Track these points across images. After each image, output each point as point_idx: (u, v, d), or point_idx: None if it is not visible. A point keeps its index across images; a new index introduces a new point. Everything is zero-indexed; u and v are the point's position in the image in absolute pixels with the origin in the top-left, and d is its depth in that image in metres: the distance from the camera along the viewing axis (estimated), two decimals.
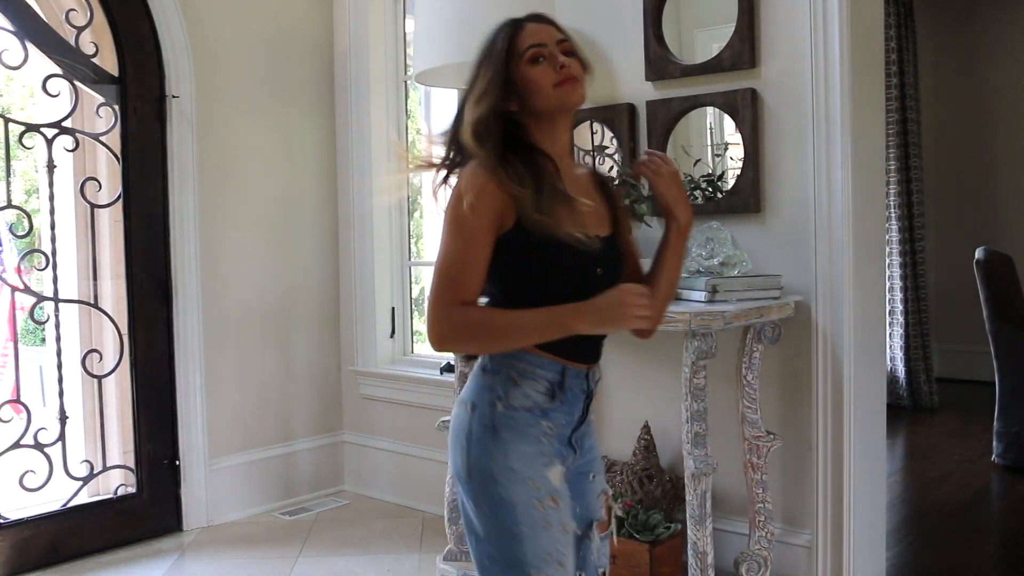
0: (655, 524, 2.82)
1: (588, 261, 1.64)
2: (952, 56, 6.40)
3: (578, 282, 1.62)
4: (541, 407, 1.66)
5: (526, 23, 1.70)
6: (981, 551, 3.39)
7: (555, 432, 1.67)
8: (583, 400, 1.70)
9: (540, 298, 1.60)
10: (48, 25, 3.39)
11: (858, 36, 2.73)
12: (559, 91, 1.65)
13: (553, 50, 1.67)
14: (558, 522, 1.64)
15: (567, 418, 1.68)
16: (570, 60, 1.68)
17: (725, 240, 2.69)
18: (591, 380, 1.72)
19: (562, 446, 1.68)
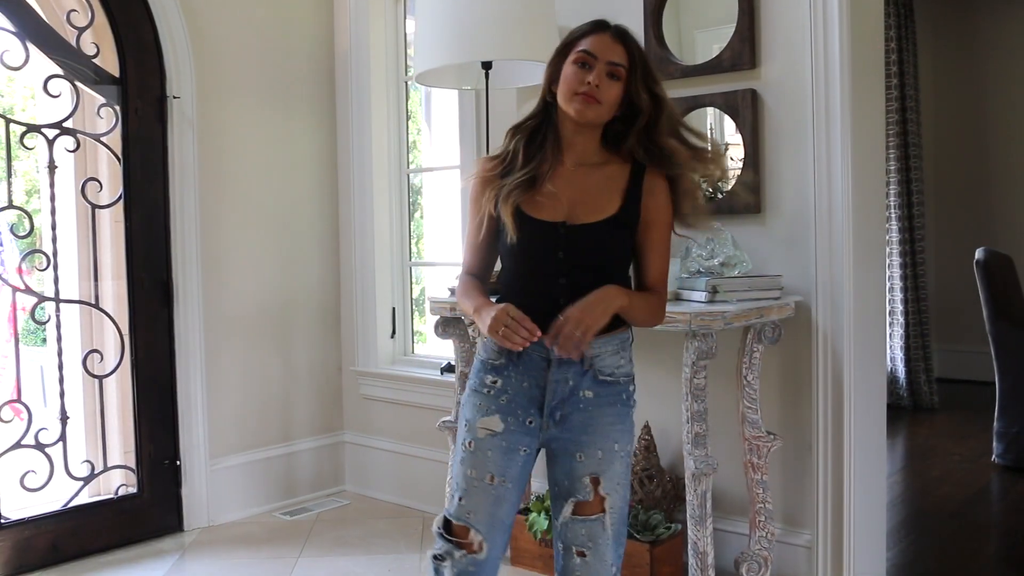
0: (655, 524, 2.83)
1: (549, 245, 1.82)
2: (952, 56, 6.41)
3: (538, 263, 1.83)
4: (491, 363, 1.89)
5: (599, 32, 1.84)
6: (981, 551, 3.39)
7: (503, 388, 1.87)
8: (543, 369, 1.85)
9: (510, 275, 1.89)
10: (49, 26, 3.39)
11: (858, 37, 2.73)
12: (575, 100, 1.81)
13: (598, 66, 1.80)
14: (468, 462, 1.88)
15: (527, 381, 1.86)
16: (609, 83, 1.81)
17: (725, 240, 2.69)
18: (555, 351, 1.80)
19: (519, 406, 1.87)
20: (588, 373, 1.86)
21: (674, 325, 2.45)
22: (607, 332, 1.85)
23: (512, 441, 1.88)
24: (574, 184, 1.86)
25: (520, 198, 1.83)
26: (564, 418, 1.87)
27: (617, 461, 1.89)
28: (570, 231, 1.82)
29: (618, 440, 1.89)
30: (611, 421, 1.88)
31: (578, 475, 1.87)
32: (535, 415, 1.87)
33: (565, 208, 1.84)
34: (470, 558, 1.88)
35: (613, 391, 1.89)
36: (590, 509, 1.88)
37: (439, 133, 4.86)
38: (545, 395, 1.86)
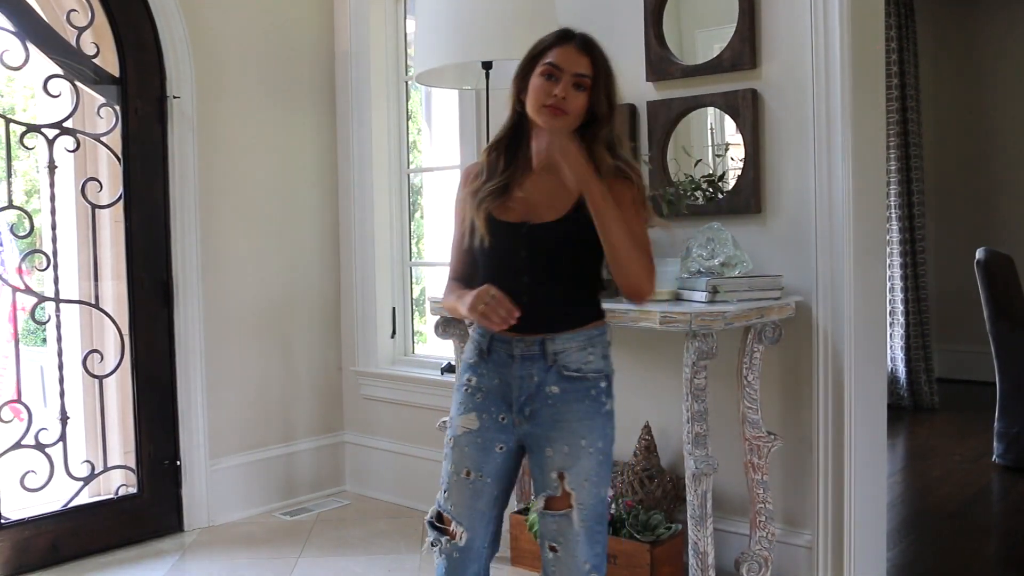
0: (656, 524, 2.82)
1: (511, 244, 1.90)
2: (953, 56, 6.41)
3: (503, 262, 1.92)
4: (469, 363, 2.00)
5: (565, 43, 1.90)
6: (982, 551, 3.39)
7: (478, 386, 1.96)
8: (510, 366, 1.92)
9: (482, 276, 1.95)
10: (49, 26, 3.39)
11: (859, 36, 2.73)
12: (543, 111, 1.87)
13: (564, 77, 1.86)
14: (451, 460, 1.98)
15: (498, 378, 1.94)
16: (575, 94, 1.86)
17: (726, 240, 2.69)
18: (519, 347, 1.91)
19: (493, 403, 1.95)
20: (552, 368, 1.91)
21: (674, 325, 2.45)
22: (573, 328, 1.92)
23: (488, 438, 1.96)
24: (540, 187, 1.93)
25: (492, 204, 1.91)
26: (533, 413, 1.92)
27: (585, 457, 1.91)
28: (531, 230, 1.90)
29: (585, 436, 1.91)
30: (579, 417, 1.91)
31: (547, 470, 1.93)
32: (507, 412, 1.95)
33: (529, 210, 1.91)
34: (453, 545, 1.99)
35: (580, 387, 1.92)
36: (558, 504, 1.92)
37: (439, 133, 4.86)
38: (513, 391, 1.93)
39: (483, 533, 1.99)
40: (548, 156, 1.90)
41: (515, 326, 1.86)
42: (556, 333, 1.90)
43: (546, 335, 1.91)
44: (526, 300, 1.86)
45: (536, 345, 1.91)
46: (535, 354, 1.91)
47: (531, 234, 1.89)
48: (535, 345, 1.91)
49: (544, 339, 1.91)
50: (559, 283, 1.92)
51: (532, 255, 1.90)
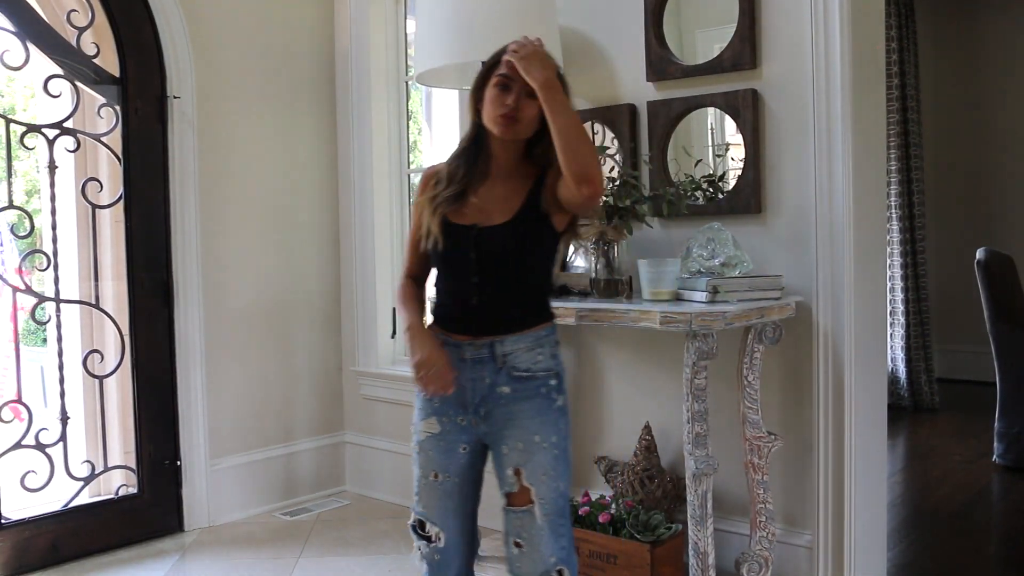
0: (656, 524, 2.82)
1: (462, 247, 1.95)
2: (953, 56, 6.41)
3: (454, 264, 1.98)
4: None
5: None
6: (982, 551, 3.39)
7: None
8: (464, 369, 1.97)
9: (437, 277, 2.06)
10: (49, 26, 3.39)
11: (859, 36, 2.73)
12: (497, 120, 1.94)
13: (516, 87, 1.92)
14: (418, 464, 2.06)
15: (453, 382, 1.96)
16: (528, 103, 1.92)
17: (726, 241, 2.69)
18: (470, 350, 1.97)
19: (451, 407, 2.01)
20: (503, 370, 1.97)
21: (675, 325, 2.44)
22: (521, 330, 1.98)
23: (450, 440, 2.03)
24: (494, 192, 2.00)
25: (447, 209, 1.98)
26: (488, 414, 2.00)
27: (539, 452, 1.97)
28: (480, 232, 1.96)
29: (538, 432, 1.97)
30: (530, 415, 1.98)
31: (504, 466, 2.00)
32: (463, 413, 2.02)
33: (480, 213, 1.98)
34: (432, 547, 2.08)
35: (531, 386, 1.98)
36: (519, 500, 2.00)
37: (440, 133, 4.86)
38: (467, 393, 2.00)
39: (458, 531, 2.08)
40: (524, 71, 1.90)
41: (465, 328, 1.97)
42: (505, 335, 1.97)
43: (495, 337, 1.97)
44: (475, 302, 1.96)
45: (486, 348, 1.97)
46: (485, 357, 1.97)
47: (480, 236, 1.96)
48: (485, 348, 1.97)
49: (493, 342, 1.97)
50: (508, 285, 1.98)
51: (481, 257, 1.95)
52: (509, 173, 2.01)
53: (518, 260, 1.98)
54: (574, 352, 3.31)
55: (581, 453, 3.31)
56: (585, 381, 3.29)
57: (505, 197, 1.98)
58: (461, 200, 1.99)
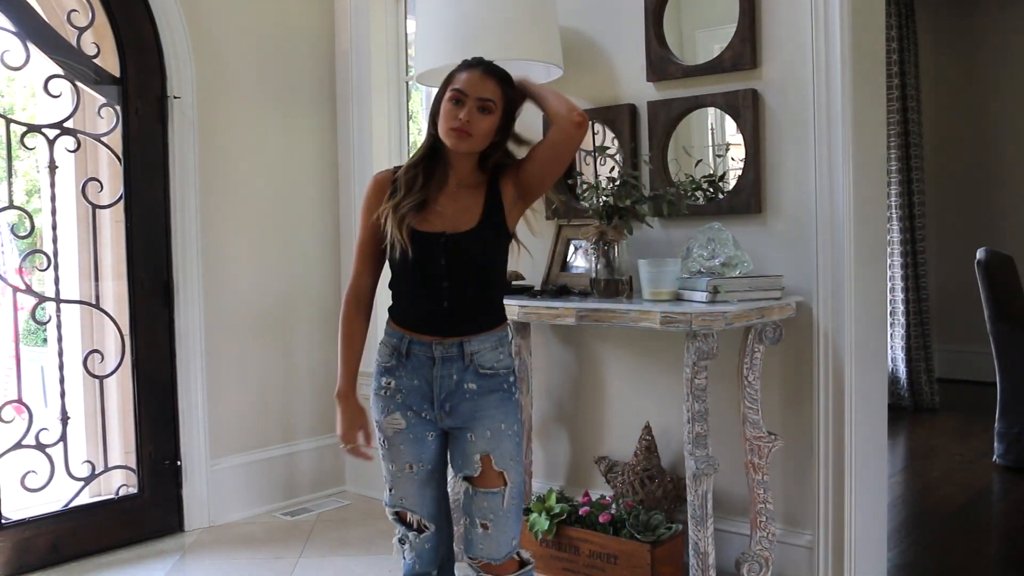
0: (656, 524, 2.82)
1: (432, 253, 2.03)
2: (953, 56, 6.41)
3: (423, 270, 2.05)
4: (384, 366, 2.15)
5: (468, 70, 2.06)
6: (982, 551, 3.39)
7: (397, 388, 2.11)
8: (430, 367, 2.07)
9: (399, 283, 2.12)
10: (49, 26, 3.39)
11: (859, 36, 2.73)
12: (450, 134, 2.02)
13: (469, 102, 2.01)
14: (388, 457, 2.15)
15: (417, 379, 2.09)
16: (480, 117, 2.01)
17: (726, 241, 2.69)
18: (439, 349, 2.06)
19: (414, 403, 2.10)
20: (470, 368, 2.06)
21: (675, 325, 2.45)
22: (486, 330, 2.09)
23: (417, 432, 2.12)
24: (456, 201, 2.08)
25: (413, 218, 2.04)
26: (453, 408, 2.08)
27: (505, 440, 2.09)
28: (449, 239, 2.04)
29: (503, 421, 2.09)
30: (496, 405, 2.09)
31: (469, 453, 2.09)
32: (428, 408, 2.10)
33: (447, 221, 2.06)
34: (423, 536, 2.17)
35: (494, 382, 2.09)
36: (490, 482, 2.08)
37: None
38: (433, 390, 2.08)
39: (439, 516, 2.19)
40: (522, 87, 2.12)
41: (435, 329, 2.06)
42: (473, 335, 2.07)
43: (464, 337, 2.06)
44: (446, 305, 2.05)
45: (455, 347, 2.06)
46: (454, 355, 2.06)
47: (449, 243, 2.04)
48: (454, 347, 2.06)
49: (462, 341, 2.06)
50: (475, 288, 2.08)
51: (451, 262, 2.04)
52: (465, 182, 2.10)
53: (484, 264, 2.09)
54: (574, 352, 3.31)
55: (581, 453, 3.31)
56: (585, 381, 3.29)
57: (466, 205, 2.08)
58: (424, 209, 2.06)
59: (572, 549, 2.91)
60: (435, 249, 2.04)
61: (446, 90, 2.06)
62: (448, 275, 2.04)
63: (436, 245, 2.04)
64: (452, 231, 2.05)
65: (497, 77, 2.07)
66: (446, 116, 2.03)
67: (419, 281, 2.07)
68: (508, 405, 2.11)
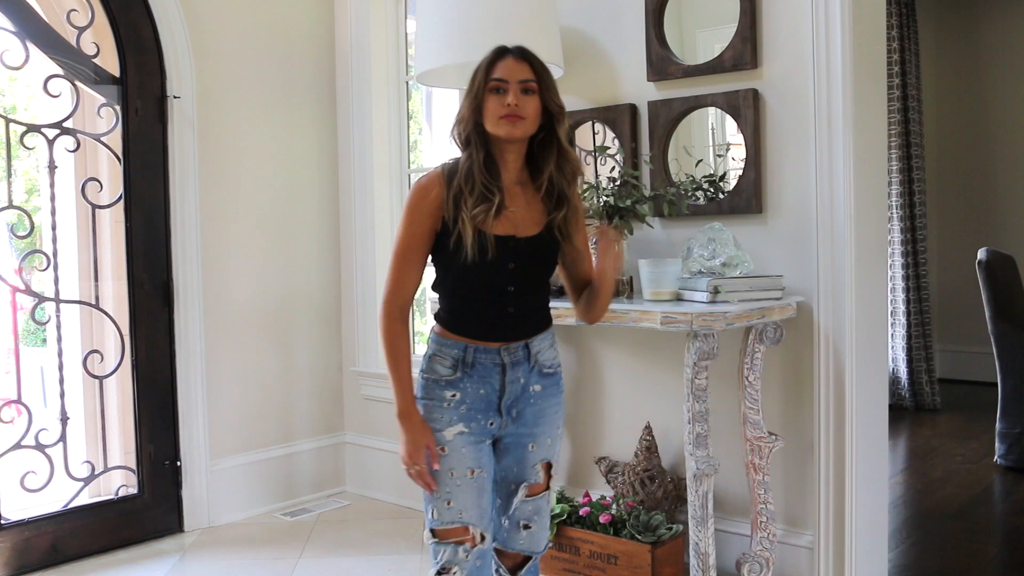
0: (657, 525, 2.82)
1: (500, 257, 1.96)
2: (954, 56, 6.40)
3: (492, 274, 1.97)
4: (447, 380, 2.04)
5: (503, 58, 2.00)
6: (983, 552, 3.38)
7: (462, 399, 2.02)
8: (499, 373, 2.02)
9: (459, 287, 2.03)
10: (49, 26, 3.39)
11: (860, 36, 2.72)
12: (502, 123, 1.96)
13: (513, 87, 1.97)
14: (447, 467, 2.02)
15: (484, 387, 2.02)
16: (526, 99, 1.97)
17: (727, 241, 2.69)
18: (506, 355, 2.02)
19: (479, 412, 2.03)
20: (535, 369, 2.07)
21: (675, 325, 2.44)
22: (544, 329, 2.10)
23: (477, 437, 2.05)
24: (515, 200, 2.02)
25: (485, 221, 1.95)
26: (519, 414, 2.07)
27: (558, 442, 2.16)
28: (518, 243, 2.00)
29: (559, 424, 2.15)
30: (555, 410, 2.12)
31: (530, 463, 2.10)
32: (494, 416, 2.05)
33: (514, 224, 2.00)
34: (475, 551, 2.03)
35: (553, 381, 2.11)
36: (538, 488, 2.13)
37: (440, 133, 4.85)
38: (502, 397, 2.04)
39: (491, 526, 2.10)
40: (604, 263, 2.07)
41: (500, 336, 2.01)
42: (535, 336, 2.07)
43: (528, 339, 2.05)
44: (512, 310, 2.01)
45: (521, 350, 2.04)
46: (520, 359, 2.04)
47: (519, 247, 1.99)
48: (520, 350, 2.04)
49: (528, 343, 2.05)
50: (538, 291, 2.08)
51: (520, 266, 2.00)
52: (519, 179, 2.05)
53: (547, 267, 2.07)
54: (574, 352, 3.30)
55: (582, 453, 3.31)
56: (586, 381, 3.29)
57: (528, 208, 2.03)
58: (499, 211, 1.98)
59: (573, 549, 2.91)
60: (505, 253, 1.97)
61: (483, 85, 1.99)
62: (515, 280, 2.00)
63: (505, 249, 1.98)
64: (521, 235, 2.00)
65: (528, 59, 2.01)
66: (495, 107, 1.97)
67: (485, 286, 2.01)
68: (561, 406, 2.15)
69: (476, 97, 2.00)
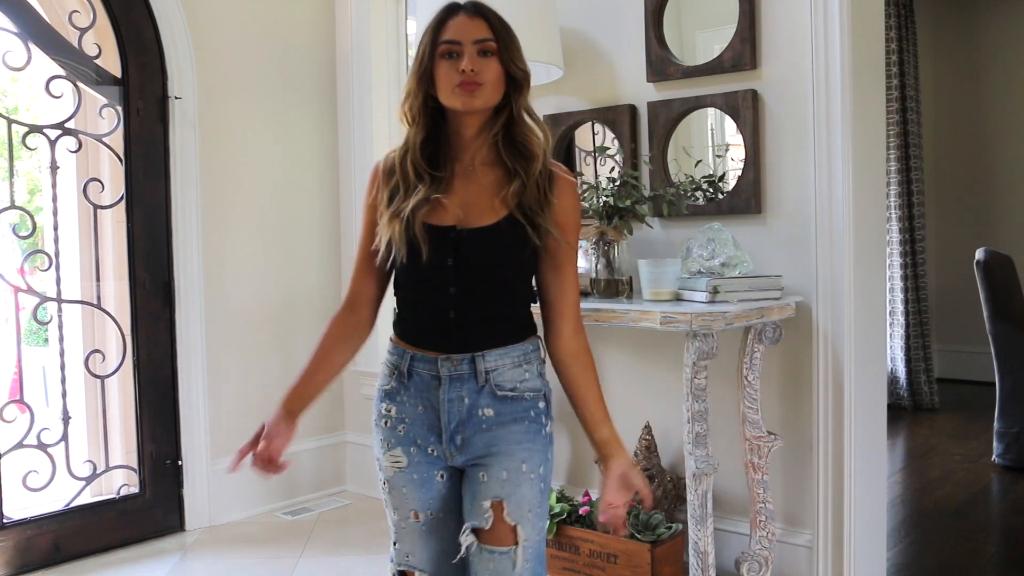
0: (656, 524, 2.83)
1: (437, 252, 1.64)
2: (952, 56, 6.41)
3: (426, 271, 1.66)
4: (385, 390, 1.77)
5: (453, 16, 1.69)
6: (981, 551, 3.39)
7: (399, 416, 1.73)
8: (435, 389, 1.69)
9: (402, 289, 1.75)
10: (51, 27, 3.40)
11: (859, 37, 2.73)
12: (456, 92, 1.64)
13: (467, 49, 1.65)
14: (389, 503, 1.76)
15: (421, 403, 1.71)
16: (484, 62, 1.65)
17: (726, 241, 2.70)
18: (445, 366, 1.68)
19: (419, 435, 1.71)
20: (485, 389, 1.68)
21: (675, 325, 2.45)
22: (504, 344, 1.70)
23: (422, 472, 1.72)
24: (470, 188, 1.69)
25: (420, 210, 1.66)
26: (465, 442, 1.69)
27: (526, 484, 1.68)
28: (459, 235, 1.65)
29: (526, 461, 1.68)
30: (517, 439, 1.69)
31: (478, 498, 1.68)
32: (435, 443, 1.71)
33: (459, 212, 1.67)
34: None
35: (518, 408, 1.70)
36: (502, 539, 1.68)
37: None
38: (441, 418, 1.69)
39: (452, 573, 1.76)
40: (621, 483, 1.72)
41: (440, 345, 1.69)
42: (487, 349, 1.68)
43: (476, 352, 1.68)
44: (453, 315, 1.67)
45: (465, 363, 1.68)
46: (464, 374, 1.68)
47: (459, 240, 1.65)
48: (464, 364, 1.68)
49: (474, 356, 1.67)
50: (491, 295, 1.69)
51: (460, 264, 1.66)
52: (481, 161, 1.71)
53: (504, 267, 1.69)
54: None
55: (581, 453, 3.32)
56: None
57: (485, 193, 1.68)
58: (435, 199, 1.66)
59: (572, 548, 2.92)
60: (442, 248, 1.65)
61: (431, 49, 1.66)
62: (456, 280, 1.66)
63: (443, 242, 1.65)
64: (465, 226, 1.66)
65: (484, 15, 1.70)
66: (446, 75, 1.64)
67: (421, 287, 1.70)
68: (535, 440, 1.70)
69: (423, 65, 1.67)
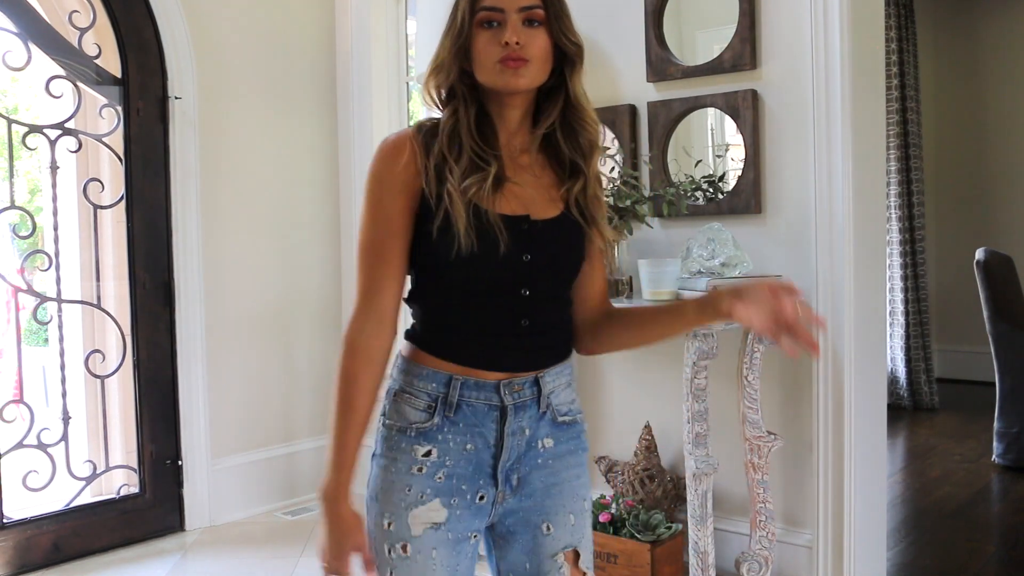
0: (656, 524, 2.83)
1: (513, 247, 1.35)
2: (952, 56, 6.41)
3: (497, 269, 1.35)
4: (418, 427, 1.41)
5: None
6: (981, 551, 3.40)
7: (440, 460, 1.38)
8: (496, 419, 1.38)
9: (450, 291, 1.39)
10: (51, 27, 3.40)
11: (859, 36, 2.74)
12: (499, 69, 1.36)
13: (510, 18, 1.36)
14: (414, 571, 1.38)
15: (473, 441, 1.38)
16: (530, 33, 1.36)
17: (726, 241, 2.70)
18: (508, 393, 1.39)
19: (464, 479, 1.38)
20: (545, 416, 1.43)
21: None
22: (562, 360, 1.46)
23: (460, 529, 1.39)
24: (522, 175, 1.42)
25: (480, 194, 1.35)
26: (522, 481, 1.42)
27: (588, 522, 1.49)
28: (532, 227, 1.38)
29: (585, 496, 1.49)
30: (576, 473, 1.47)
31: (545, 553, 1.43)
32: (487, 486, 1.40)
33: (522, 201, 1.40)
34: None
35: (572, 433, 1.47)
36: None
37: None
38: (498, 456, 1.40)
39: None
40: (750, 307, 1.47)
41: (506, 361, 1.39)
42: (549, 367, 1.43)
43: (539, 371, 1.41)
44: (527, 323, 1.39)
45: (528, 387, 1.40)
46: (527, 400, 1.40)
47: (535, 232, 1.38)
48: (527, 387, 1.40)
49: (537, 378, 1.41)
50: (557, 298, 1.45)
51: (538, 260, 1.38)
52: (526, 146, 1.44)
53: (574, 264, 1.45)
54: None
55: None
56: (586, 381, 3.30)
57: (539, 184, 1.43)
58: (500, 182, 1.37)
59: None
60: (517, 240, 1.36)
61: (469, 17, 1.38)
62: (530, 280, 1.38)
63: (518, 234, 1.36)
64: (537, 216, 1.39)
65: None
66: (486, 48, 1.36)
67: (488, 288, 1.37)
68: (586, 469, 1.49)
69: (460, 35, 1.39)
